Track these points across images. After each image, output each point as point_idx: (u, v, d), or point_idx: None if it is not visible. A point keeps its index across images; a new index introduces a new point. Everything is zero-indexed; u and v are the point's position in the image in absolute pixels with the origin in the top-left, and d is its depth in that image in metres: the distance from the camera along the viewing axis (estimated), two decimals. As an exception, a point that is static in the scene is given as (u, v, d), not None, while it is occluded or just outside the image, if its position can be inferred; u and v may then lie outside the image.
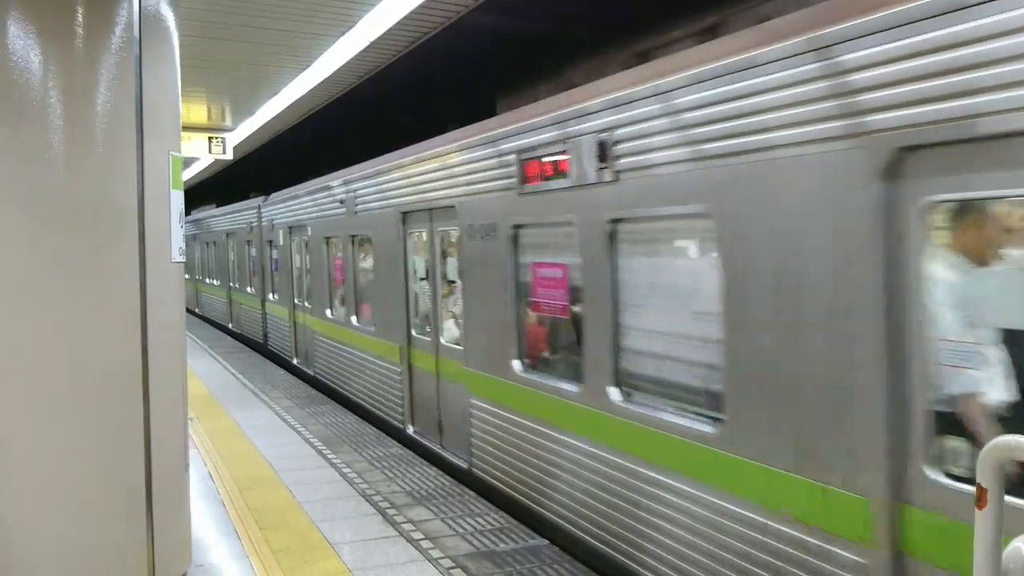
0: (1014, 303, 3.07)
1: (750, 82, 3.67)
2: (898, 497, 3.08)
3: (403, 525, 5.59)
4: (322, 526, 5.56)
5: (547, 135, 5.38)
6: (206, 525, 5.60)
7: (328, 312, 10.88)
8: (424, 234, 7.93)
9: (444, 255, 7.62)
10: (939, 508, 2.96)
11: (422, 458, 7.46)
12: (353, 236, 9.80)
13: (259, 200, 15.24)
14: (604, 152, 4.74)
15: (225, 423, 8.92)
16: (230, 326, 18.53)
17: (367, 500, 6.15)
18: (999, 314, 3.08)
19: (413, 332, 8.17)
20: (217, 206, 20.28)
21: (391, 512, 5.87)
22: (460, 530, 5.52)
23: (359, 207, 9.48)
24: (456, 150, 6.85)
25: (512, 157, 5.82)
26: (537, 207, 5.58)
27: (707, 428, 4.08)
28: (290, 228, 12.82)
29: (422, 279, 8.16)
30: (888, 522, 3.10)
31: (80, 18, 3.76)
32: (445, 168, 7.08)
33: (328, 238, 10.80)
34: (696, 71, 4.04)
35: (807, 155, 3.39)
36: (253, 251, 16.06)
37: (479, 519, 5.74)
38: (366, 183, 9.20)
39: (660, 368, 4.74)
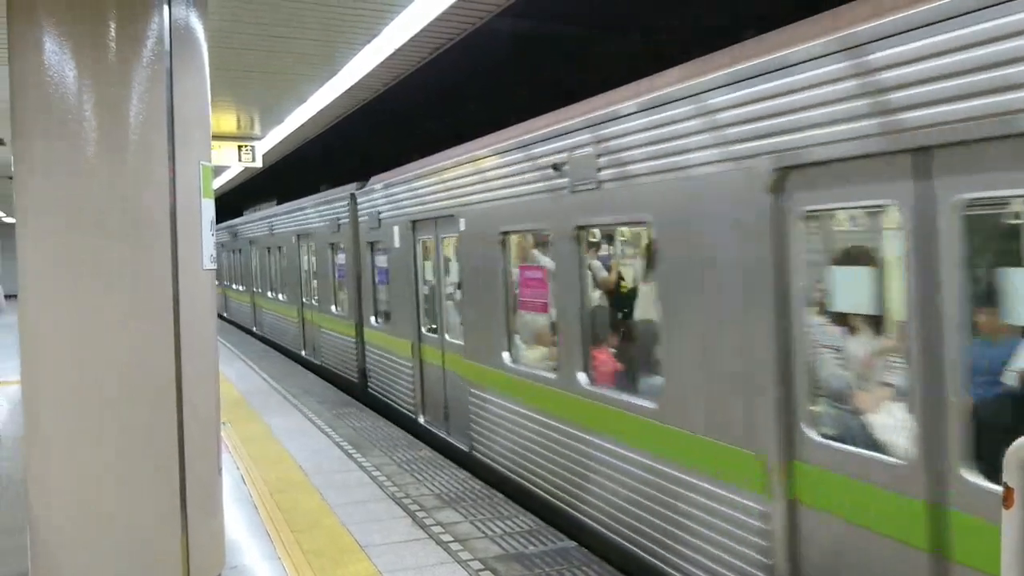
0: (860, 293, 3.77)
1: (673, 111, 4.49)
2: (787, 455, 3.82)
3: (433, 528, 5.63)
4: (352, 528, 5.62)
5: (518, 155, 6.33)
6: (239, 527, 5.69)
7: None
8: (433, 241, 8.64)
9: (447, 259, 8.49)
10: (818, 463, 3.68)
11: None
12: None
13: (352, 188, 11.49)
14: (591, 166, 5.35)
15: (257, 427, 9.04)
16: (303, 354, 14.85)
17: (397, 503, 6.20)
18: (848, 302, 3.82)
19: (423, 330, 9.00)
20: (279, 202, 17.29)
21: (421, 515, 5.91)
22: (489, 532, 5.55)
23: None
24: (452, 165, 7.73)
25: (507, 170, 6.55)
26: (525, 214, 6.27)
27: (650, 405, 4.83)
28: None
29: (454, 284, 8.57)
30: (780, 474, 3.85)
31: (113, 33, 3.85)
32: (445, 181, 7.84)
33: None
34: (634, 102, 4.86)
35: (715, 173, 4.19)
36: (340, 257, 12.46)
37: (508, 522, 5.77)
38: (387, 193, 9.81)
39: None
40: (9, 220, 28.53)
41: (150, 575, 4.05)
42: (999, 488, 2.31)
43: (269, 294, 17.70)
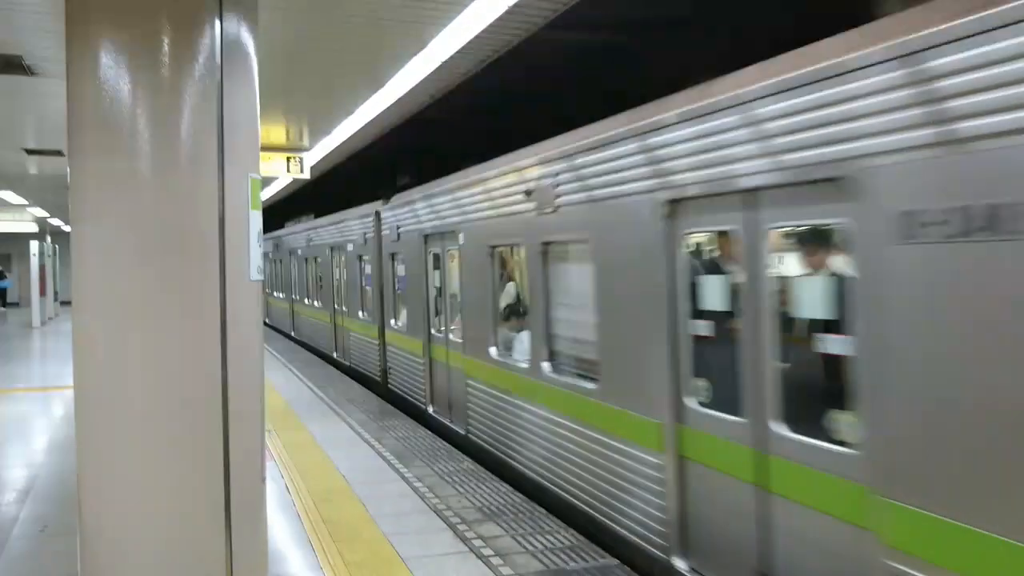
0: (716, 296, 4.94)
1: (602, 153, 5.83)
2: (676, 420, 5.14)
3: (474, 541, 5.61)
4: (394, 540, 5.63)
5: (503, 180, 7.75)
6: (282, 536, 5.73)
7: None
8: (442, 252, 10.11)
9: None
10: (697, 426, 4.95)
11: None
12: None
13: (378, 205, 12.76)
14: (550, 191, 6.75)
15: (301, 435, 9.12)
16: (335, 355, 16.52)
17: (438, 515, 6.19)
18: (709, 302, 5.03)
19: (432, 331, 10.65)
20: (316, 216, 18.48)
21: (462, 528, 5.90)
22: (530, 547, 5.50)
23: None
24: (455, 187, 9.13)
25: (494, 193, 7.96)
26: (507, 231, 7.72)
27: (592, 386, 6.16)
28: (425, 237, 10.56)
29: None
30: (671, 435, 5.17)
31: (166, 48, 3.93)
32: (449, 200, 9.30)
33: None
34: (574, 144, 6.29)
35: (632, 201, 5.48)
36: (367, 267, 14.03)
37: (549, 536, 5.72)
38: (405, 210, 11.24)
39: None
40: (68, 229, 29.38)
41: (194, 582, 4.08)
42: (803, 438, 4.11)
43: (306, 301, 19.68)
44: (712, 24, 7.73)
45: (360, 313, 14.38)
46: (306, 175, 12.07)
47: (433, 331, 10.44)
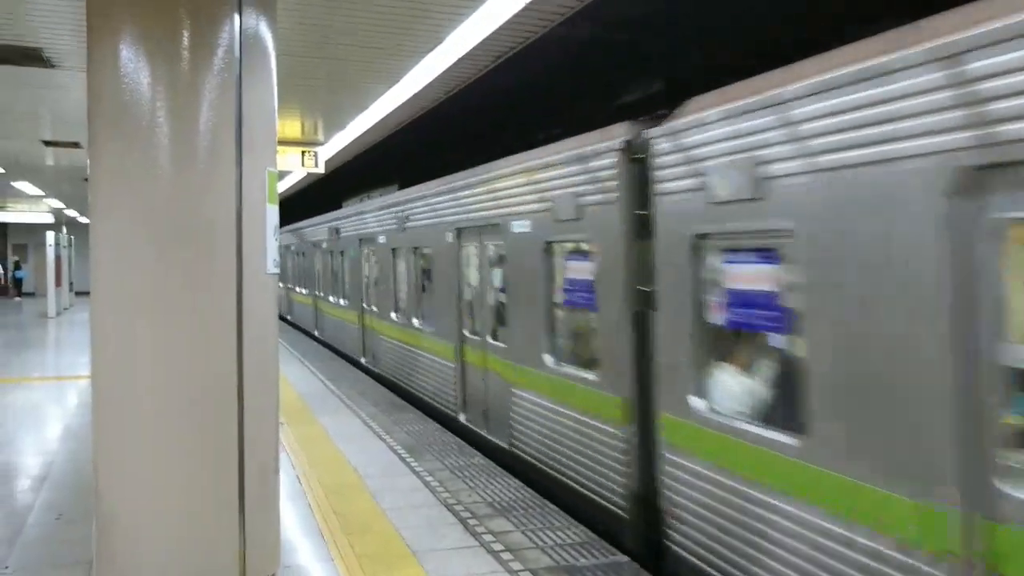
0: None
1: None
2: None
3: (484, 536, 5.63)
4: (404, 533, 5.65)
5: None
6: (294, 528, 5.77)
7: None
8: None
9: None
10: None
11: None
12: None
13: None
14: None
15: (314, 429, 9.17)
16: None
17: (449, 509, 6.22)
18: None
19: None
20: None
21: (472, 522, 5.92)
22: (540, 543, 5.52)
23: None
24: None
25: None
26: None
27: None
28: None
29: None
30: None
31: (186, 42, 3.96)
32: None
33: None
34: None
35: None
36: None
37: (560, 532, 5.73)
38: (421, 204, 10.92)
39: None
40: (84, 220, 29.58)
41: (208, 570, 4.13)
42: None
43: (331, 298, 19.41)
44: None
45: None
46: (320, 169, 12.12)
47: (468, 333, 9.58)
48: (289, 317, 23.86)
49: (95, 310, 4.15)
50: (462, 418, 9.24)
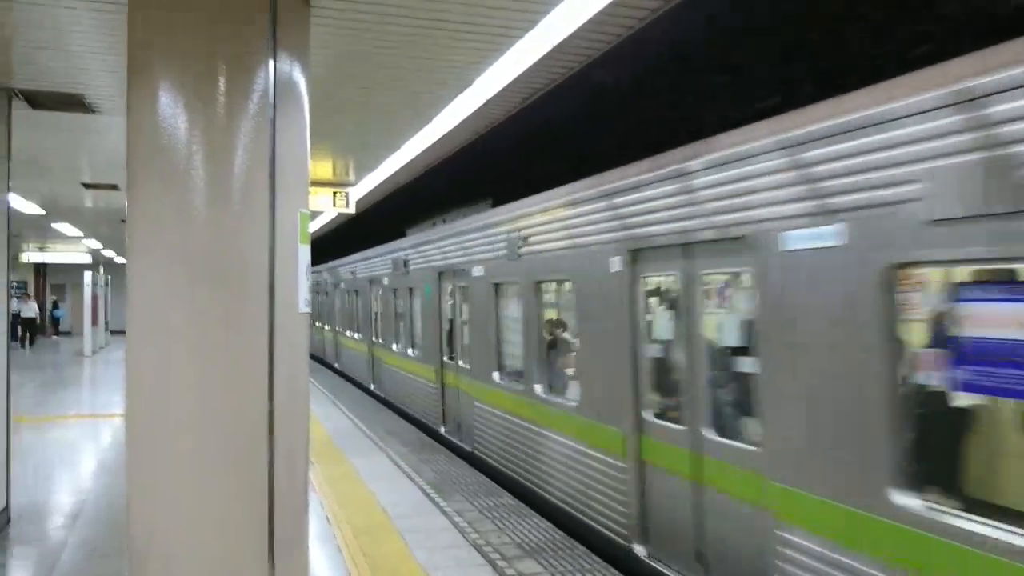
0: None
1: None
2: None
3: (513, 577, 5.57)
4: (433, 575, 5.61)
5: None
6: (323, 569, 5.75)
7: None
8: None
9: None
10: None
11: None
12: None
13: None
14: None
15: (343, 468, 9.16)
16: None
17: (478, 551, 6.16)
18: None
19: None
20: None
21: (501, 564, 5.86)
22: (570, 585, 5.45)
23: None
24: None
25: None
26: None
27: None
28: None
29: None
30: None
31: (222, 87, 4.06)
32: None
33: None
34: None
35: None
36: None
37: (588, 575, 5.65)
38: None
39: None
40: (121, 261, 30.15)
41: (236, 612, 4.11)
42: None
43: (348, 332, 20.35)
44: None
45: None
46: (351, 209, 12.27)
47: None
48: (337, 365, 21.40)
49: (130, 348, 4.21)
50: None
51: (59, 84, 6.49)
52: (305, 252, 4.41)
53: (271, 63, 4.16)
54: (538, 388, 7.88)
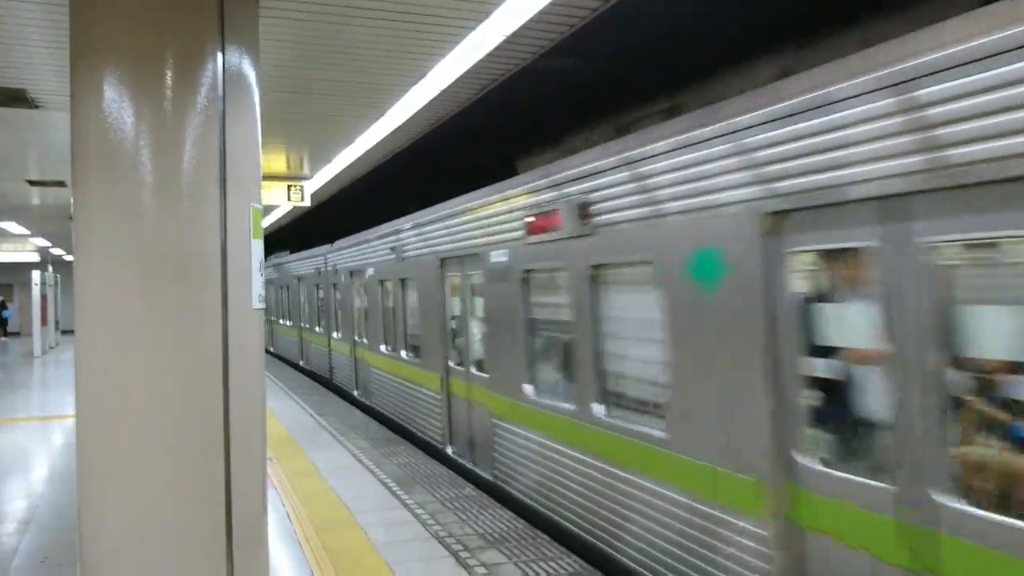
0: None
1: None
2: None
3: (476, 568, 5.58)
4: (397, 568, 5.60)
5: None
6: (284, 565, 5.70)
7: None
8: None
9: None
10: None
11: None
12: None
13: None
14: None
15: (303, 464, 9.09)
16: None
17: (440, 542, 6.17)
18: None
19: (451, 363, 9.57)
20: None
21: (464, 555, 5.87)
22: (533, 574, 5.48)
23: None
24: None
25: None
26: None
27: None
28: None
29: None
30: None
31: (169, 80, 3.99)
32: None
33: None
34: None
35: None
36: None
37: (552, 563, 5.69)
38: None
39: None
40: (70, 259, 29.45)
41: (196, 612, 4.07)
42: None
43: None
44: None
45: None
46: (307, 203, 12.14)
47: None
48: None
49: (80, 348, 4.12)
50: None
51: (0, 79, 6.31)
52: (258, 247, 4.36)
53: (219, 55, 4.09)
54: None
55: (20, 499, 7.88)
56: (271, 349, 24.72)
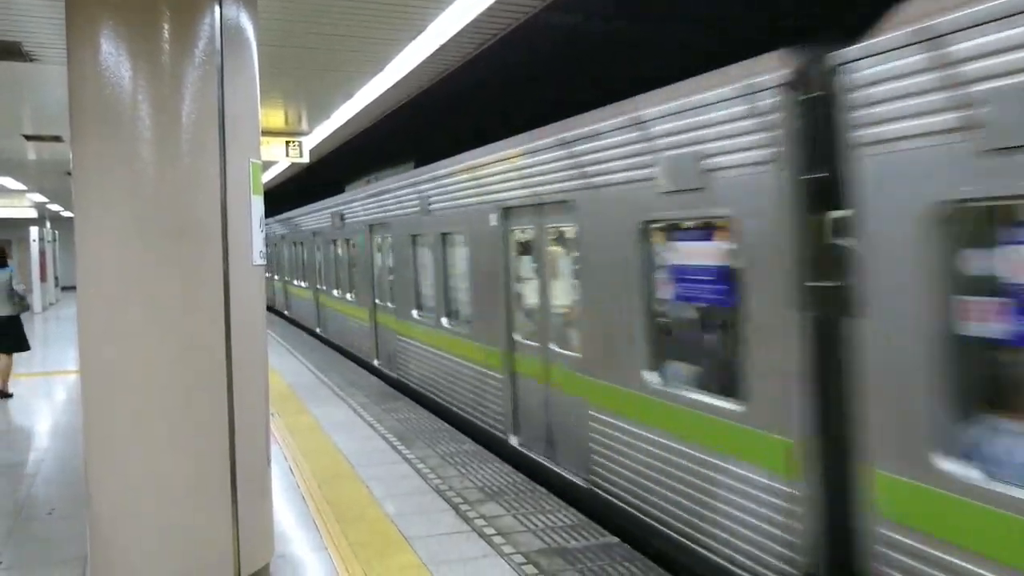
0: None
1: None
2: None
3: (476, 521, 5.68)
4: (397, 521, 5.69)
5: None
6: (287, 518, 5.80)
7: None
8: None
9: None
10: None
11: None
12: None
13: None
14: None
15: (305, 419, 9.19)
16: None
17: (440, 496, 6.26)
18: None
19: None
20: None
21: (464, 508, 5.96)
22: (532, 526, 5.57)
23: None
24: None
25: None
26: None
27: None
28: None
29: None
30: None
31: (166, 34, 3.95)
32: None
33: None
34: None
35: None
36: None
37: (551, 516, 5.78)
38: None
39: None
40: (68, 215, 29.35)
41: (202, 561, 4.15)
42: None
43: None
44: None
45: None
46: (305, 159, 12.07)
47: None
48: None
49: (81, 304, 4.14)
50: None
51: (-6, 31, 6.23)
52: (258, 203, 4.36)
53: (217, 8, 4.05)
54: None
55: (26, 452, 7.97)
56: (286, 312, 23.68)
